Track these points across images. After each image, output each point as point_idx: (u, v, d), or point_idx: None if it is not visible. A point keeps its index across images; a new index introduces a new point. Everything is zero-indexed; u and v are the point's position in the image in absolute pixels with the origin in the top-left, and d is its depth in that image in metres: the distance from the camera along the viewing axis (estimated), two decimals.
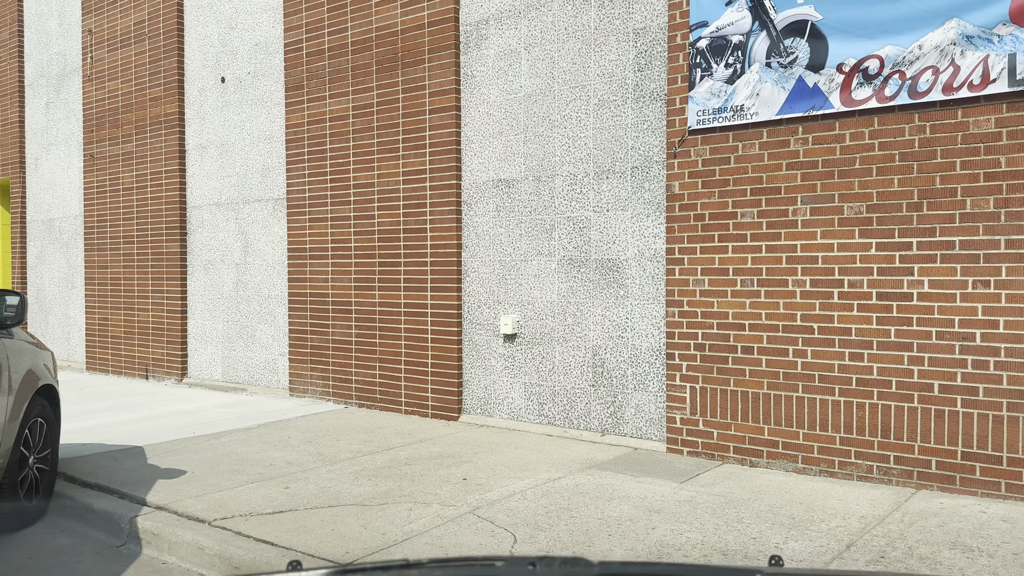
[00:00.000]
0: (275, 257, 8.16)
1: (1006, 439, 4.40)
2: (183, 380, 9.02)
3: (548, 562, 1.40)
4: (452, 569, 1.48)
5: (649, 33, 5.72)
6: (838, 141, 4.91)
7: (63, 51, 10.62)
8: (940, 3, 4.50)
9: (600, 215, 6.02)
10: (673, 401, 5.61)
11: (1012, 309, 4.38)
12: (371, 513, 4.29)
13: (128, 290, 9.52)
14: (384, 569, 1.45)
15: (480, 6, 6.61)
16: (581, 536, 3.90)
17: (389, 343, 7.18)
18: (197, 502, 4.50)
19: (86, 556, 4.10)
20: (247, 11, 8.33)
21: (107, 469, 5.23)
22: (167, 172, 9.04)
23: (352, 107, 7.36)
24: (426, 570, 1.46)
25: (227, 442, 6.01)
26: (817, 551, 3.67)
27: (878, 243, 4.79)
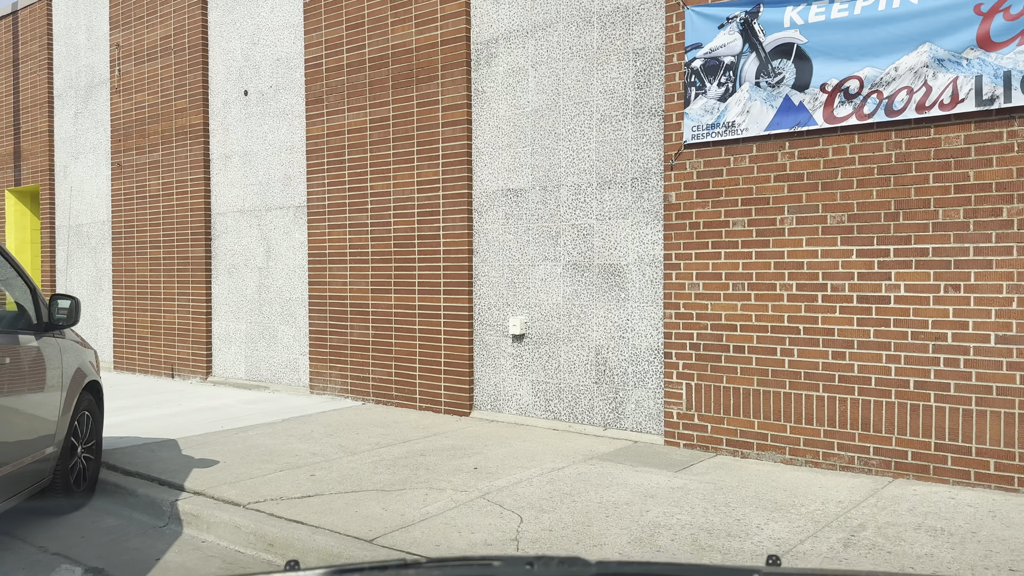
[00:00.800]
0: (296, 262, 8.60)
1: (975, 431, 4.77)
2: (208, 378, 9.48)
3: (546, 562, 1.39)
4: (449, 569, 1.47)
5: (648, 53, 6.12)
6: (822, 155, 5.29)
7: (91, 64, 11.11)
8: (914, 29, 4.88)
9: (602, 223, 6.41)
10: (670, 397, 6.00)
11: (980, 311, 4.75)
12: (390, 497, 4.70)
13: (155, 293, 9.98)
14: (381, 569, 1.45)
15: (490, 26, 7.02)
16: (581, 517, 4.30)
17: (404, 343, 7.60)
18: (231, 488, 4.93)
19: (133, 535, 4.52)
20: (269, 28, 8.77)
21: (146, 459, 5.67)
22: (192, 180, 9.50)
23: (369, 120, 7.79)
24: (423, 570, 1.45)
25: (254, 435, 6.45)
26: (795, 530, 4.06)
27: (858, 250, 5.17)
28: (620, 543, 3.91)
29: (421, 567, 1.45)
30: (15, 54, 12.45)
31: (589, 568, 1.38)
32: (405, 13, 7.47)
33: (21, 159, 12.32)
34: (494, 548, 3.85)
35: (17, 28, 12.42)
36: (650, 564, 1.48)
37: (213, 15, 9.36)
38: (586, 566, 1.38)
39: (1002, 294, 4.68)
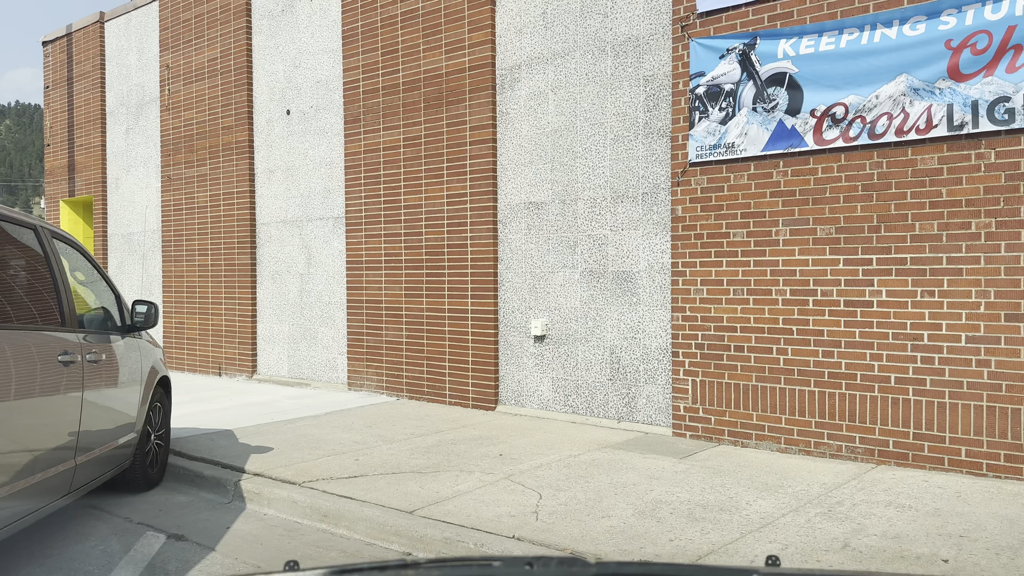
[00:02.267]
0: (335, 268, 9.30)
1: (948, 422, 5.31)
2: (253, 376, 10.22)
3: (545, 562, 1.39)
4: (449, 569, 1.47)
5: (656, 80, 6.72)
6: (812, 174, 5.86)
7: (142, 83, 11.92)
8: (893, 61, 5.44)
9: (616, 233, 7.02)
10: (678, 392, 6.60)
11: (952, 314, 5.30)
12: (426, 478, 5.35)
13: (203, 297, 10.75)
14: (381, 569, 1.44)
15: (514, 54, 7.66)
16: (593, 495, 4.92)
17: (435, 343, 8.26)
18: (286, 470, 5.61)
19: (203, 509, 5.21)
20: (310, 52, 9.49)
21: (207, 446, 6.38)
22: (239, 193, 10.25)
23: (403, 138, 8.47)
24: (423, 570, 1.44)
25: (301, 426, 7.14)
26: (779, 506, 4.64)
27: (845, 259, 5.74)
28: (626, 515, 4.52)
29: (421, 567, 1.45)
30: (70, 73, 13.32)
31: (589, 568, 1.38)
32: (436, 41, 8.14)
33: (75, 172, 13.19)
34: (516, 519, 4.48)
35: (71, 49, 13.29)
36: (650, 564, 1.48)
37: (257, 39, 10.10)
38: (585, 566, 1.38)
39: (971, 299, 5.23)
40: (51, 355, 4.03)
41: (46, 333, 4.07)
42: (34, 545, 4.36)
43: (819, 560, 3.77)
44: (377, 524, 4.58)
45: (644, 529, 4.28)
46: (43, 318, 4.14)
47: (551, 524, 4.38)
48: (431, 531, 4.36)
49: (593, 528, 4.31)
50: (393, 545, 4.43)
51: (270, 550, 4.38)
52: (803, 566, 3.68)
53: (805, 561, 3.76)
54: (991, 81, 5.07)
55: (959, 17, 5.17)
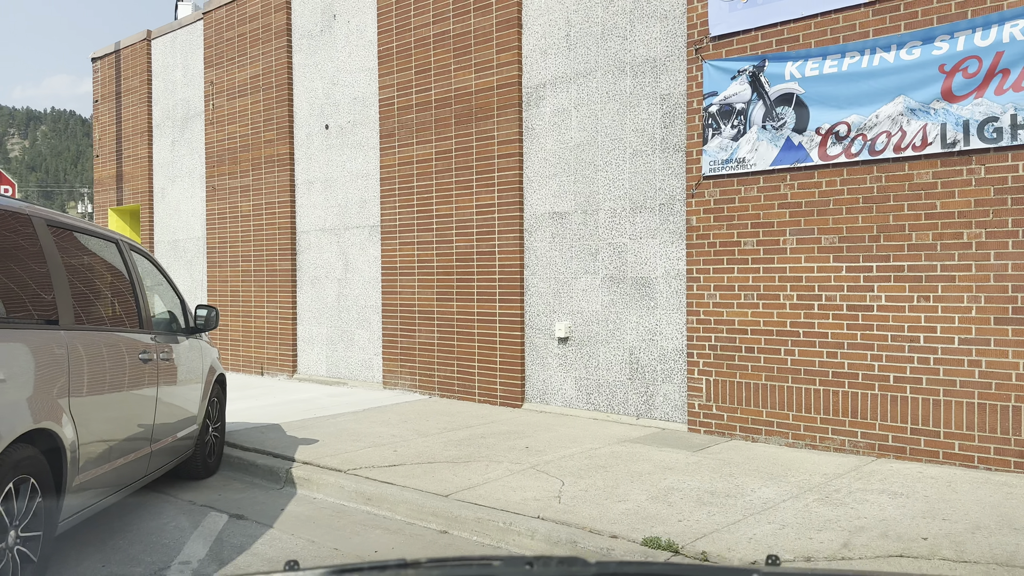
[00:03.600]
0: (371, 274, 9.87)
1: (942, 418, 5.72)
2: (293, 376, 10.82)
3: (545, 562, 1.39)
4: (449, 568, 1.47)
5: (672, 99, 7.19)
6: (817, 187, 6.29)
7: (187, 97, 12.60)
8: (891, 83, 5.86)
9: (635, 242, 7.49)
10: (692, 391, 7.05)
11: (946, 318, 5.70)
12: (459, 467, 5.87)
13: (246, 301, 11.38)
14: (381, 569, 1.44)
15: (539, 73, 8.16)
16: (611, 482, 5.40)
17: (465, 345, 8.78)
18: (332, 459, 6.15)
19: (258, 493, 5.77)
20: (347, 71, 10.07)
21: (258, 439, 6.95)
22: (280, 203, 10.86)
23: (435, 152, 9.01)
24: (423, 569, 1.45)
25: (342, 421, 7.69)
26: (781, 493, 5.09)
27: (847, 266, 6.16)
28: (640, 499, 5.00)
29: (421, 567, 1.45)
30: (118, 88, 14.07)
31: (588, 568, 1.38)
32: (466, 61, 8.67)
33: (123, 181, 13.92)
34: (541, 502, 4.97)
35: (120, 65, 14.03)
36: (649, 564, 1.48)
37: (297, 58, 10.71)
38: (585, 566, 1.39)
39: (963, 303, 5.63)
40: (134, 354, 4.61)
41: (130, 334, 4.65)
42: (115, 522, 4.94)
43: (811, 538, 4.22)
44: (416, 506, 5.10)
45: (656, 511, 4.76)
46: (127, 321, 4.72)
47: (572, 507, 4.87)
48: (464, 512, 4.87)
49: (610, 510, 4.79)
50: (431, 524, 4.94)
51: (322, 528, 4.91)
52: (797, 543, 4.13)
53: (798, 538, 4.21)
54: (981, 102, 5.47)
55: (951, 43, 5.58)
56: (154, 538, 4.66)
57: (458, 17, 8.74)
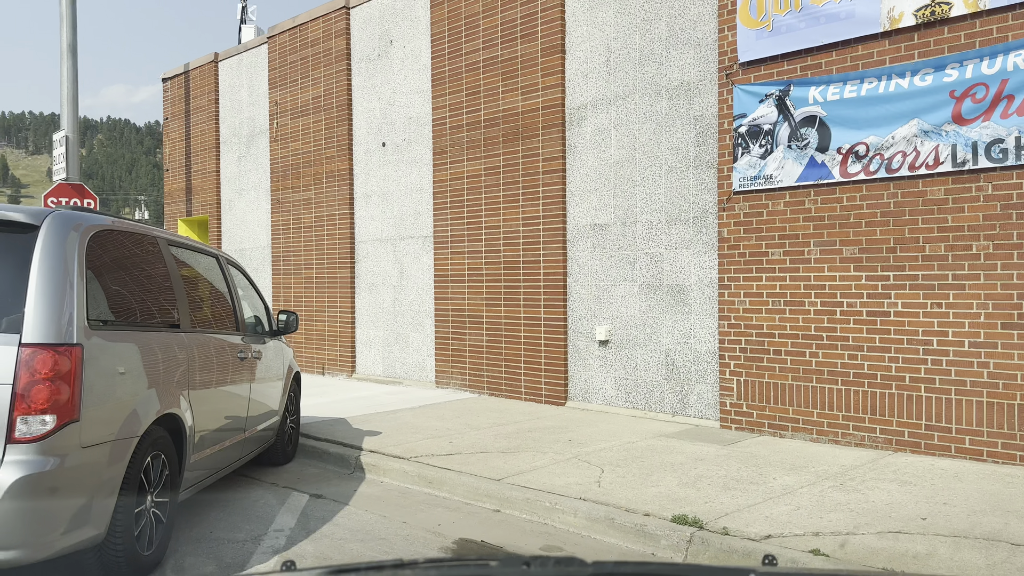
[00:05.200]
0: (424, 281, 10.61)
1: (954, 415, 6.20)
2: (352, 375, 11.62)
3: (542, 562, 1.39)
4: (446, 569, 1.46)
5: (705, 119, 7.76)
6: (838, 202, 6.82)
7: (252, 116, 13.52)
8: (906, 107, 6.37)
9: (670, 252, 8.08)
10: (724, 390, 7.60)
11: (956, 323, 6.19)
12: (508, 456, 6.53)
13: (308, 306, 12.22)
14: (378, 569, 1.44)
15: (580, 95, 8.80)
16: (646, 470, 6.01)
17: (512, 347, 9.45)
18: (395, 448, 6.87)
19: (332, 478, 6.51)
20: (403, 92, 10.84)
21: (328, 430, 7.71)
22: (340, 215, 11.68)
23: (484, 168, 9.71)
24: (420, 570, 1.44)
25: (401, 416, 8.42)
26: (800, 481, 5.64)
27: (867, 275, 6.67)
28: (671, 485, 5.60)
29: (418, 566, 1.45)
30: (187, 107, 15.09)
31: (585, 568, 1.39)
32: (513, 84, 9.36)
33: (192, 194, 14.92)
34: (582, 486, 5.60)
35: (189, 85, 15.05)
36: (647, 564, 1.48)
37: (356, 80, 11.52)
38: (583, 566, 1.39)
39: (973, 310, 6.11)
40: (234, 353, 5.38)
41: (229, 336, 5.42)
42: (214, 499, 5.71)
43: (821, 517, 4.78)
44: (472, 488, 5.78)
45: (685, 495, 5.36)
46: (226, 325, 5.49)
47: (610, 490, 5.50)
48: (515, 493, 5.53)
49: (643, 493, 5.40)
50: (485, 504, 5.61)
51: (391, 506, 5.62)
52: (808, 521, 4.70)
53: (810, 517, 4.78)
54: (988, 125, 5.96)
55: (961, 71, 6.08)
56: (249, 512, 5.41)
57: (506, 44, 9.44)
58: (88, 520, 3.53)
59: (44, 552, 3.35)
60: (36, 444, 3.28)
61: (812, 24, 6.87)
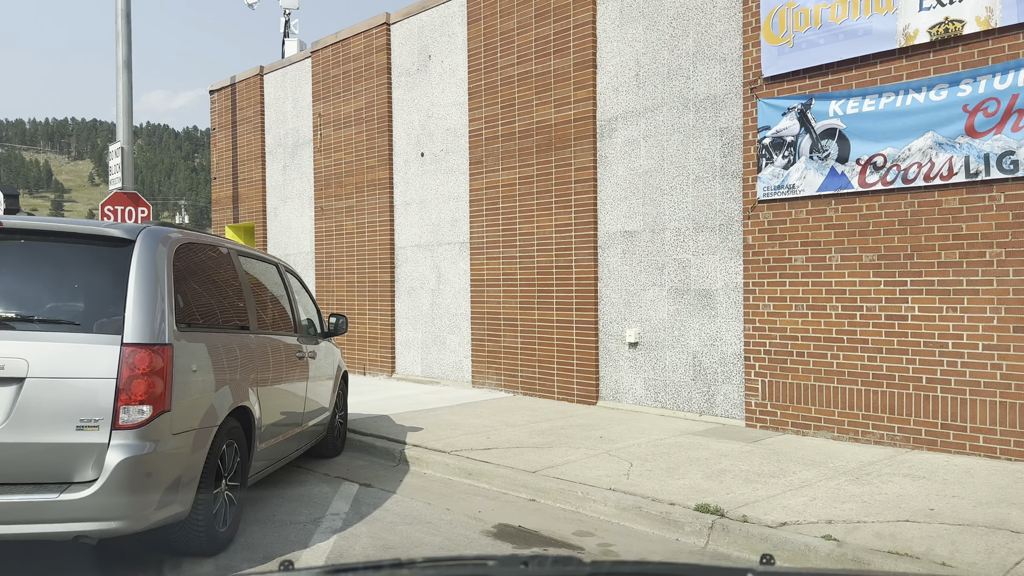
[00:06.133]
0: (460, 285, 11.08)
1: (968, 414, 6.49)
2: (392, 375, 12.14)
3: (540, 561, 1.39)
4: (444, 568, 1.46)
5: (730, 131, 8.13)
6: (858, 211, 7.14)
7: (296, 127, 14.13)
8: (921, 120, 6.68)
9: (697, 258, 8.45)
10: (749, 390, 7.95)
11: (971, 327, 6.48)
12: (542, 452, 6.96)
13: (350, 308, 12.77)
14: (376, 568, 1.45)
15: (611, 108, 9.21)
16: (672, 464, 6.40)
17: (545, 348, 9.88)
18: (436, 443, 7.33)
19: (379, 469, 6.99)
20: (441, 105, 11.34)
21: (373, 426, 8.20)
22: (380, 222, 12.21)
23: (518, 177, 10.15)
24: (418, 569, 1.44)
25: (440, 413, 8.90)
26: (818, 475, 5.99)
27: (885, 281, 6.99)
28: (696, 478, 5.98)
29: (416, 566, 1.45)
30: (233, 118, 15.76)
31: (583, 568, 1.39)
32: (546, 98, 9.80)
33: (239, 202, 15.59)
34: (612, 478, 6.00)
35: (235, 97, 15.72)
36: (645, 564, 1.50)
37: (396, 93, 12.05)
38: (580, 565, 1.39)
39: (986, 314, 6.41)
40: (292, 353, 5.89)
41: (288, 338, 5.93)
42: (273, 486, 6.22)
43: (835, 507, 5.14)
44: (509, 479, 6.21)
45: (708, 486, 5.74)
46: (286, 327, 6.00)
47: (638, 482, 5.90)
48: (549, 484, 5.95)
49: (669, 485, 5.80)
50: (521, 494, 6.04)
51: (434, 494, 6.08)
52: (822, 510, 5.05)
53: (824, 506, 5.14)
54: (999, 138, 6.26)
55: (974, 86, 6.38)
56: (306, 498, 5.91)
57: (539, 59, 9.88)
58: (176, 498, 4.04)
59: (140, 525, 3.86)
60: (136, 430, 3.79)
61: (831, 41, 7.21)
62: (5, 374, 3.72)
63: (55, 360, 3.77)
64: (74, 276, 4.06)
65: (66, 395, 3.74)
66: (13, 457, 3.69)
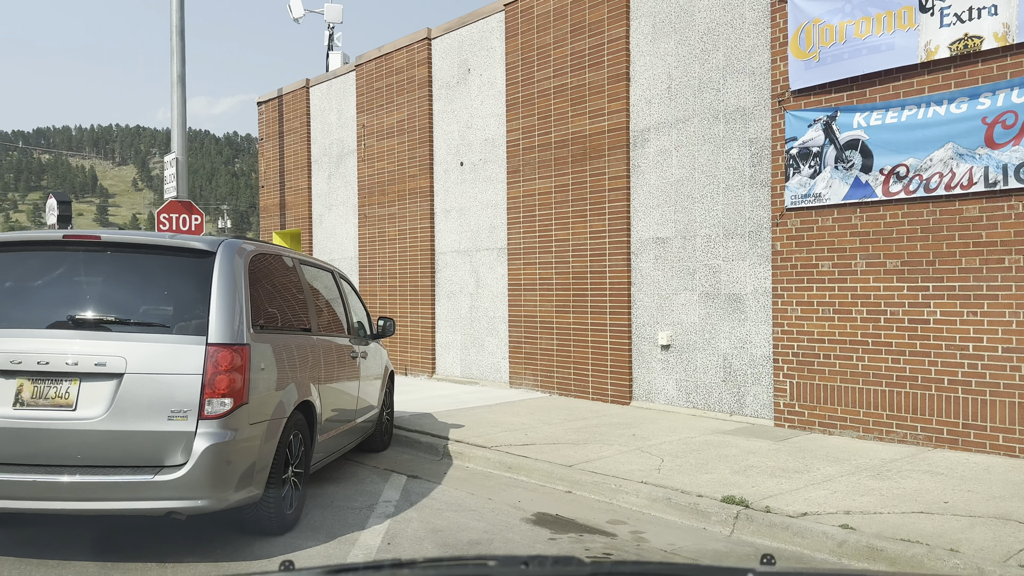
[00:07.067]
0: (498, 289, 11.53)
1: (989, 414, 6.76)
2: (432, 376, 12.63)
3: (540, 561, 1.40)
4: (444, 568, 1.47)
5: (759, 142, 8.46)
6: (881, 219, 7.44)
7: (341, 138, 14.72)
8: (942, 132, 6.96)
9: (727, 263, 8.79)
10: (778, 391, 8.27)
11: (991, 330, 6.75)
12: (578, 448, 7.36)
13: (392, 312, 13.30)
14: (375, 568, 1.45)
15: (644, 119, 9.59)
16: (702, 460, 6.76)
17: (579, 350, 10.28)
18: (477, 439, 7.78)
19: (424, 463, 7.46)
20: (480, 116, 11.81)
21: (417, 423, 8.68)
22: (421, 228, 12.72)
23: (554, 186, 10.58)
24: (418, 569, 1.45)
25: (479, 412, 9.35)
26: (841, 471, 6.31)
27: (908, 286, 7.27)
28: (724, 473, 6.34)
29: (416, 566, 1.45)
30: (280, 128, 16.42)
31: (583, 568, 1.40)
32: (581, 109, 10.21)
33: (285, 209, 16.23)
34: (644, 472, 6.39)
35: (282, 109, 16.38)
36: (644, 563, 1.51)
37: (437, 105, 12.55)
38: (580, 565, 1.40)
39: (1005, 318, 6.67)
40: (347, 353, 6.38)
41: (343, 339, 6.43)
42: (329, 476, 6.71)
43: (854, 500, 5.47)
44: (546, 473, 6.63)
45: (735, 480, 6.10)
46: (341, 329, 6.50)
47: (668, 476, 6.28)
48: (584, 477, 6.36)
49: (698, 479, 6.17)
50: (558, 486, 6.46)
51: (477, 485, 6.53)
52: (841, 502, 5.38)
53: (843, 499, 5.47)
54: (1017, 149, 6.52)
55: (993, 99, 6.65)
56: (360, 487, 6.40)
57: (575, 72, 10.30)
58: (251, 481, 4.53)
59: (221, 504, 4.36)
60: (219, 420, 4.29)
61: (856, 56, 7.52)
62: (107, 370, 4.25)
63: (149, 358, 4.28)
64: (163, 284, 4.58)
65: (159, 389, 4.25)
66: (114, 443, 4.21)
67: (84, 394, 4.25)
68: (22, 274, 4.57)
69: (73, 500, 4.13)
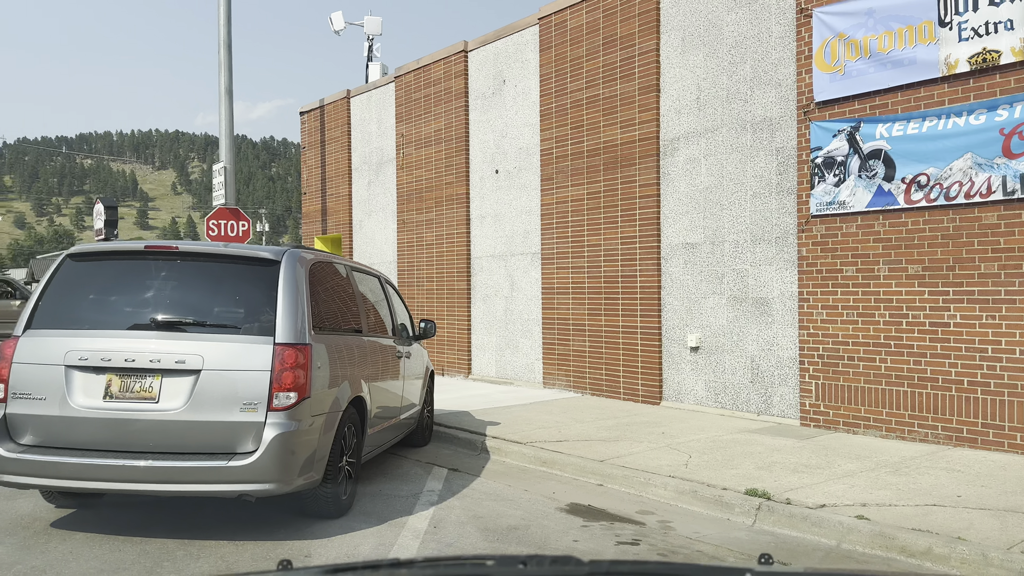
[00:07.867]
0: (532, 293, 11.95)
1: (1007, 414, 7.01)
2: (468, 376, 13.08)
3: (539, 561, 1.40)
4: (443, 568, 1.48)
5: (785, 151, 8.77)
6: (904, 226, 7.71)
7: (380, 146, 15.25)
8: (961, 143, 7.23)
9: (755, 268, 9.10)
10: (804, 392, 8.57)
11: (1008, 333, 7.00)
12: (609, 444, 7.74)
13: (430, 314, 13.79)
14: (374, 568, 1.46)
15: (674, 128, 9.94)
16: (728, 457, 7.11)
17: (611, 352, 10.65)
18: (513, 435, 8.20)
19: (463, 457, 7.89)
20: (514, 125, 12.25)
21: (455, 420, 9.13)
22: (458, 234, 13.19)
23: (586, 193, 10.97)
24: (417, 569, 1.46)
25: (515, 410, 9.77)
26: (860, 467, 6.61)
27: (929, 290, 7.54)
28: (748, 468, 6.68)
29: (415, 566, 1.47)
30: (322, 137, 17.02)
31: (582, 567, 1.41)
32: (613, 119, 10.59)
33: (327, 215, 16.82)
34: (672, 467, 6.75)
35: (323, 118, 16.98)
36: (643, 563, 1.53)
37: (473, 115, 13.02)
38: (579, 565, 1.42)
39: (1023, 321, 6.91)
40: (393, 353, 6.84)
41: (388, 340, 6.89)
42: (376, 468, 7.18)
43: (871, 493, 5.78)
44: (579, 467, 7.03)
45: (759, 475, 6.44)
46: (387, 331, 6.97)
47: (695, 471, 6.63)
48: (615, 471, 6.74)
49: (724, 474, 6.52)
50: (590, 480, 6.85)
51: (513, 478, 6.94)
52: (858, 495, 5.70)
53: (860, 493, 5.79)
54: None
55: (1010, 111, 6.91)
56: (405, 478, 6.85)
57: (606, 83, 10.68)
58: (312, 468, 5.00)
59: (286, 488, 4.83)
60: (285, 412, 4.77)
61: (879, 69, 7.81)
62: (187, 367, 4.75)
63: (223, 356, 4.77)
64: (233, 289, 5.07)
65: (232, 384, 4.74)
66: (192, 432, 4.71)
67: (166, 388, 4.75)
68: (109, 281, 5.10)
69: (157, 483, 4.63)
